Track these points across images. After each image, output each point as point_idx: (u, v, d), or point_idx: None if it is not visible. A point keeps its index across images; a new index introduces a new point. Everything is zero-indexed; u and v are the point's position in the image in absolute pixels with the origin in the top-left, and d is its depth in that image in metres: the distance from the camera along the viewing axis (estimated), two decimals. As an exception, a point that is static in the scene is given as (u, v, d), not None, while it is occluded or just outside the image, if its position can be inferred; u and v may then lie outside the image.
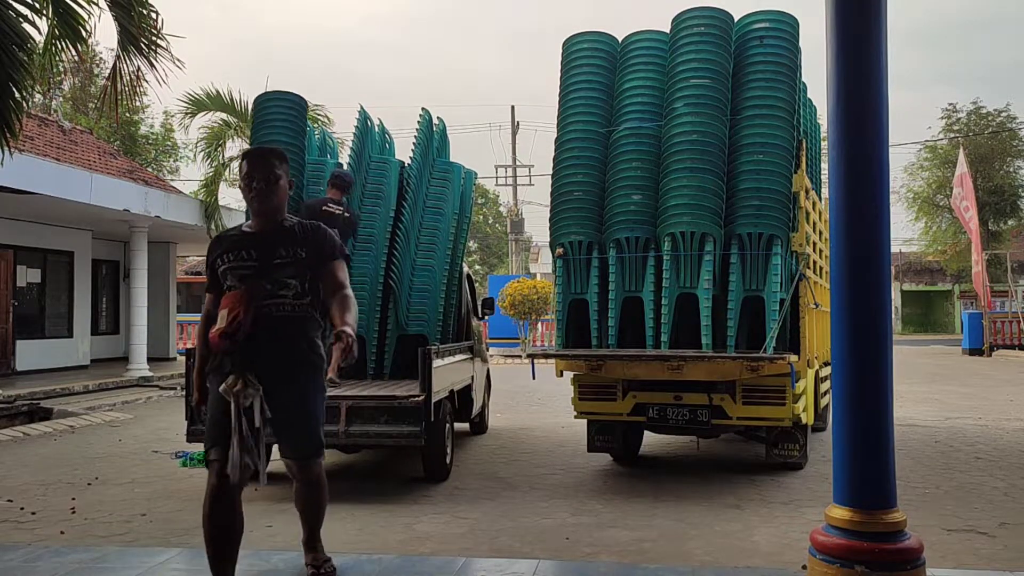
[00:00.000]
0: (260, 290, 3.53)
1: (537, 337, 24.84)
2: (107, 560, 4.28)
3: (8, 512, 5.89)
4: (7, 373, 14.94)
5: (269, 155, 3.77)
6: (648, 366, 6.57)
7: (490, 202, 51.91)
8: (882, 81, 3.44)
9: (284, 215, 3.78)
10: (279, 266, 3.59)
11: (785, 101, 6.70)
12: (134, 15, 6.79)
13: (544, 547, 4.91)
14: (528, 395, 12.96)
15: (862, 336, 3.42)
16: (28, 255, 16.03)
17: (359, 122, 8.20)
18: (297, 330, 3.61)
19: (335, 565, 4.02)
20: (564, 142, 7.14)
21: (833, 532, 3.35)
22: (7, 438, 9.22)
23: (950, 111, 32.11)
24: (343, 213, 7.26)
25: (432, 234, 8.08)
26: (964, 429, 9.59)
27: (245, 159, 3.77)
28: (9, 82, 6.13)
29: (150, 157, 31.73)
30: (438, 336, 7.92)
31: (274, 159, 3.72)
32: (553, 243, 7.12)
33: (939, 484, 6.64)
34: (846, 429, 3.42)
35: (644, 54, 7.09)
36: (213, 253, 3.71)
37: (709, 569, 4.44)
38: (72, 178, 13.54)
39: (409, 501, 6.15)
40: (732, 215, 6.65)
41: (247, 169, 3.67)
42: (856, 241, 3.43)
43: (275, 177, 3.66)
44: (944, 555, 4.65)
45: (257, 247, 3.62)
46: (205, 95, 16.78)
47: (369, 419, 6.20)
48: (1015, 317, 26.18)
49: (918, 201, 33.13)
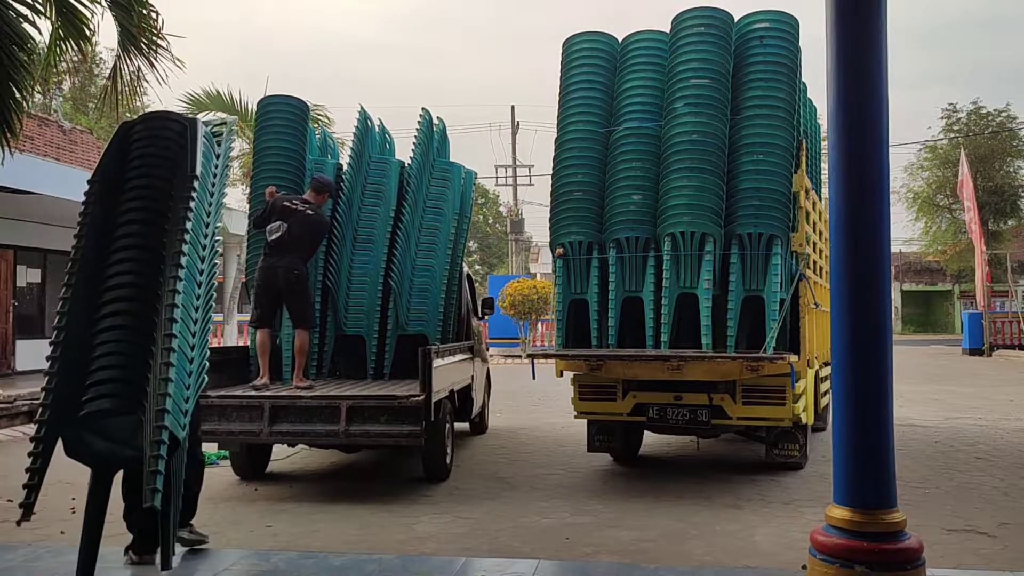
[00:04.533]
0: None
1: (537, 337, 24.83)
2: (107, 560, 4.28)
3: (8, 512, 5.88)
4: (7, 373, 14.95)
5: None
6: (648, 366, 6.57)
7: (490, 202, 51.90)
8: (882, 81, 3.44)
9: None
10: None
11: (785, 101, 6.69)
12: (134, 15, 6.79)
13: (544, 547, 4.91)
14: (528, 395, 12.96)
15: (862, 336, 3.42)
16: (28, 255, 16.03)
17: (359, 122, 8.20)
18: None
19: (336, 564, 4.01)
20: (564, 142, 7.14)
21: (833, 532, 3.35)
22: (7, 438, 9.22)
23: (950, 111, 32.14)
24: (305, 210, 7.10)
25: (432, 234, 8.08)
26: (964, 429, 9.59)
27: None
28: (9, 82, 6.13)
29: (150, 157, 31.72)
30: (438, 336, 7.93)
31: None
32: (553, 243, 7.12)
33: (939, 484, 6.63)
34: (846, 429, 3.42)
35: (644, 54, 7.09)
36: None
37: (709, 569, 4.44)
38: (72, 178, 13.54)
39: (409, 501, 6.15)
40: (732, 215, 6.64)
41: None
42: (856, 241, 3.43)
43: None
44: (944, 555, 4.65)
45: None
46: (205, 95, 16.76)
47: (369, 419, 6.19)
48: (1015, 317, 26.17)
49: (918, 201, 33.14)
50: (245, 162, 17.04)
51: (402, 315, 7.81)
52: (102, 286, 3.35)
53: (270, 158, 7.71)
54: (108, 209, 3.49)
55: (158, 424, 3.22)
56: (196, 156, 3.55)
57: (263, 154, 7.75)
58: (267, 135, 7.81)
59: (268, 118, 7.88)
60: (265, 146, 7.77)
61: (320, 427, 6.19)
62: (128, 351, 3.34)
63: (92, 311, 3.33)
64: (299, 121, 7.93)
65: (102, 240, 3.43)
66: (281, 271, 6.97)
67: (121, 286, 3.35)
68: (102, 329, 3.33)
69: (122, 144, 3.65)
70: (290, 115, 7.90)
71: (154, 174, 3.54)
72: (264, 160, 7.72)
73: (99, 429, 3.38)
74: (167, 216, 3.46)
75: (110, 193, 3.52)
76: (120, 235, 3.43)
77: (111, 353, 3.32)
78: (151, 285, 3.37)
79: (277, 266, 6.97)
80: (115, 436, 3.40)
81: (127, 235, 3.41)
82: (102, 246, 3.42)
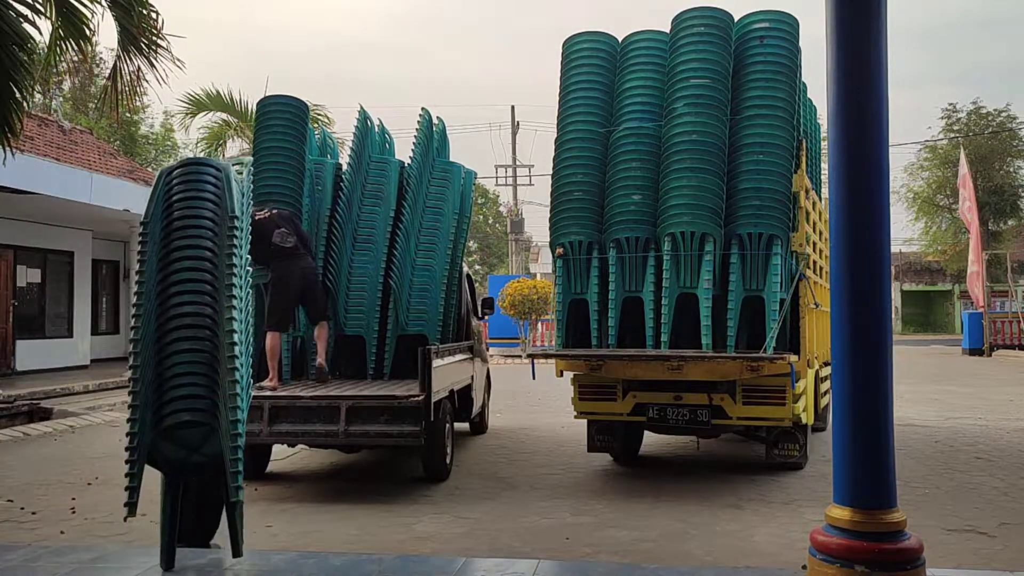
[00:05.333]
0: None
1: (537, 337, 24.83)
2: (107, 560, 4.28)
3: (8, 512, 5.89)
4: (7, 373, 14.95)
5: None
6: (648, 366, 6.58)
7: (490, 202, 51.91)
8: (882, 81, 3.44)
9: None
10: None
11: (785, 101, 6.70)
12: (134, 15, 6.79)
13: (544, 547, 4.91)
14: (528, 395, 12.96)
15: (862, 336, 3.42)
16: (28, 255, 16.04)
17: (359, 122, 8.20)
18: None
19: (336, 564, 4.04)
20: (564, 142, 7.14)
21: (833, 532, 3.35)
22: (7, 438, 9.22)
23: (950, 111, 32.17)
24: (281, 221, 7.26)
25: (432, 234, 8.08)
26: (964, 429, 9.59)
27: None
28: (9, 82, 6.13)
29: (150, 157, 31.75)
30: (438, 336, 7.93)
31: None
32: (553, 243, 7.12)
33: (939, 484, 6.64)
34: (846, 429, 3.42)
35: (644, 54, 7.09)
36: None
37: (709, 569, 4.44)
38: (72, 178, 13.56)
39: (409, 501, 6.16)
40: (732, 215, 6.65)
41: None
42: (856, 241, 3.43)
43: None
44: (944, 555, 4.65)
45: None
46: (205, 95, 16.79)
47: (369, 419, 6.20)
48: (1015, 317, 26.18)
49: (918, 201, 33.18)
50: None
51: (402, 315, 7.81)
52: (167, 315, 3.95)
53: (270, 158, 7.71)
54: (162, 247, 4.05)
55: (235, 432, 3.81)
56: (233, 198, 4.14)
57: (263, 154, 7.75)
58: (267, 135, 7.81)
59: (268, 118, 7.88)
60: (265, 146, 7.77)
61: (320, 427, 6.19)
62: (200, 371, 3.92)
63: (161, 337, 3.92)
64: (299, 121, 7.93)
65: (160, 274, 4.03)
66: (301, 271, 7.20)
67: (185, 315, 3.95)
68: (173, 352, 3.90)
69: (165, 187, 4.19)
70: (290, 115, 7.90)
71: (200, 215, 4.11)
72: (264, 160, 7.72)
73: (175, 438, 3.87)
74: (215, 252, 4.04)
75: (162, 233, 4.09)
76: (175, 270, 4.02)
77: (185, 373, 3.89)
78: (210, 314, 3.97)
79: (295, 267, 7.17)
80: (188, 444, 3.90)
81: (182, 270, 4.01)
82: (160, 280, 4.02)
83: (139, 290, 4.03)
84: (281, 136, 7.79)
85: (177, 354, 3.90)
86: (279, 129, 7.81)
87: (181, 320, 3.93)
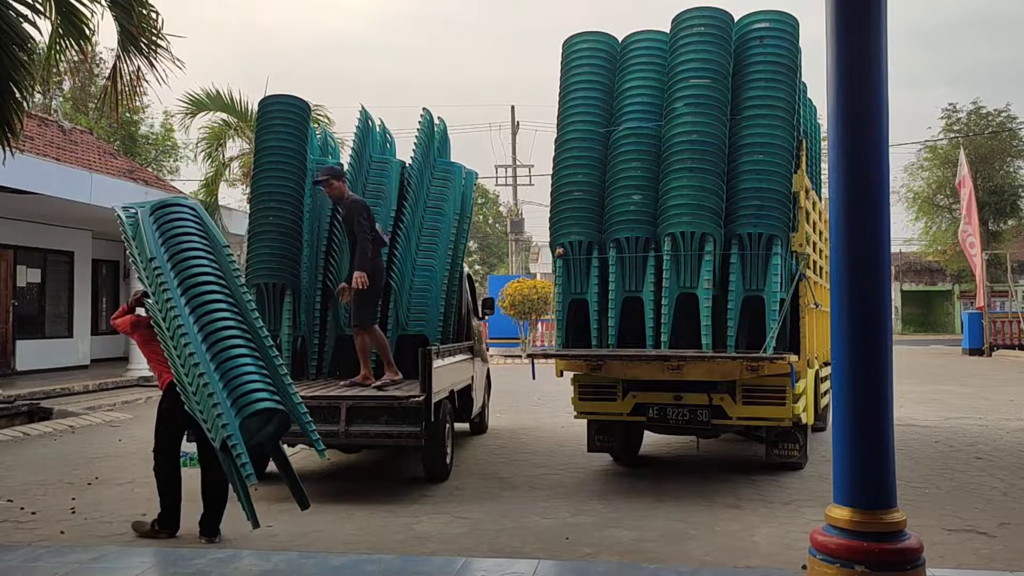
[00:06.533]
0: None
1: (537, 337, 24.83)
2: (107, 560, 4.29)
3: (8, 512, 5.89)
4: (7, 373, 14.94)
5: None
6: (648, 366, 6.58)
7: (490, 202, 51.91)
8: (882, 81, 3.44)
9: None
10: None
11: (785, 101, 6.70)
12: (134, 15, 6.79)
13: (544, 547, 4.92)
14: (528, 395, 12.96)
15: (862, 336, 3.42)
16: (28, 255, 16.03)
17: (360, 122, 8.20)
18: None
19: (336, 564, 4.04)
20: (564, 142, 7.14)
21: (833, 532, 3.35)
22: (7, 438, 9.22)
23: (950, 111, 32.10)
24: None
25: (432, 234, 8.08)
26: (964, 429, 9.59)
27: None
28: (9, 82, 6.13)
29: (150, 157, 31.71)
30: (438, 336, 7.93)
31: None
32: (553, 243, 7.12)
33: (939, 484, 6.64)
34: (846, 429, 3.42)
35: (644, 54, 7.09)
36: None
37: (709, 569, 4.44)
38: (72, 178, 13.54)
39: (409, 501, 6.16)
40: (732, 215, 6.65)
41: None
42: (856, 241, 3.43)
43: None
44: (944, 555, 4.65)
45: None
46: (205, 95, 16.76)
47: (369, 419, 6.20)
48: (1015, 317, 26.17)
49: (918, 201, 33.12)
50: (245, 162, 17.05)
51: (402, 315, 7.81)
52: (212, 327, 4.68)
53: (271, 158, 7.71)
54: (177, 274, 4.80)
55: (304, 411, 4.94)
56: (215, 230, 5.18)
57: (264, 154, 7.75)
58: (268, 135, 7.80)
59: (269, 118, 7.88)
60: (266, 146, 7.77)
61: (320, 427, 6.17)
62: (260, 367, 4.75)
63: (210, 347, 4.62)
64: (300, 121, 7.93)
65: (186, 296, 4.75)
66: (383, 269, 7.26)
67: (228, 327, 4.74)
68: (231, 357, 4.64)
69: (156, 224, 5.00)
70: (291, 115, 7.90)
71: (202, 247, 4.99)
72: (265, 160, 7.72)
73: (242, 426, 4.51)
74: (226, 273, 4.97)
75: (173, 264, 4.85)
76: (205, 291, 4.78)
77: (247, 373, 4.63)
78: (244, 322, 4.85)
79: (381, 263, 7.21)
80: (249, 429, 4.59)
81: (211, 291, 4.80)
82: (188, 300, 4.73)
83: (169, 314, 4.70)
84: (282, 135, 7.79)
85: (234, 359, 4.64)
86: (280, 128, 7.81)
87: (226, 332, 4.70)
